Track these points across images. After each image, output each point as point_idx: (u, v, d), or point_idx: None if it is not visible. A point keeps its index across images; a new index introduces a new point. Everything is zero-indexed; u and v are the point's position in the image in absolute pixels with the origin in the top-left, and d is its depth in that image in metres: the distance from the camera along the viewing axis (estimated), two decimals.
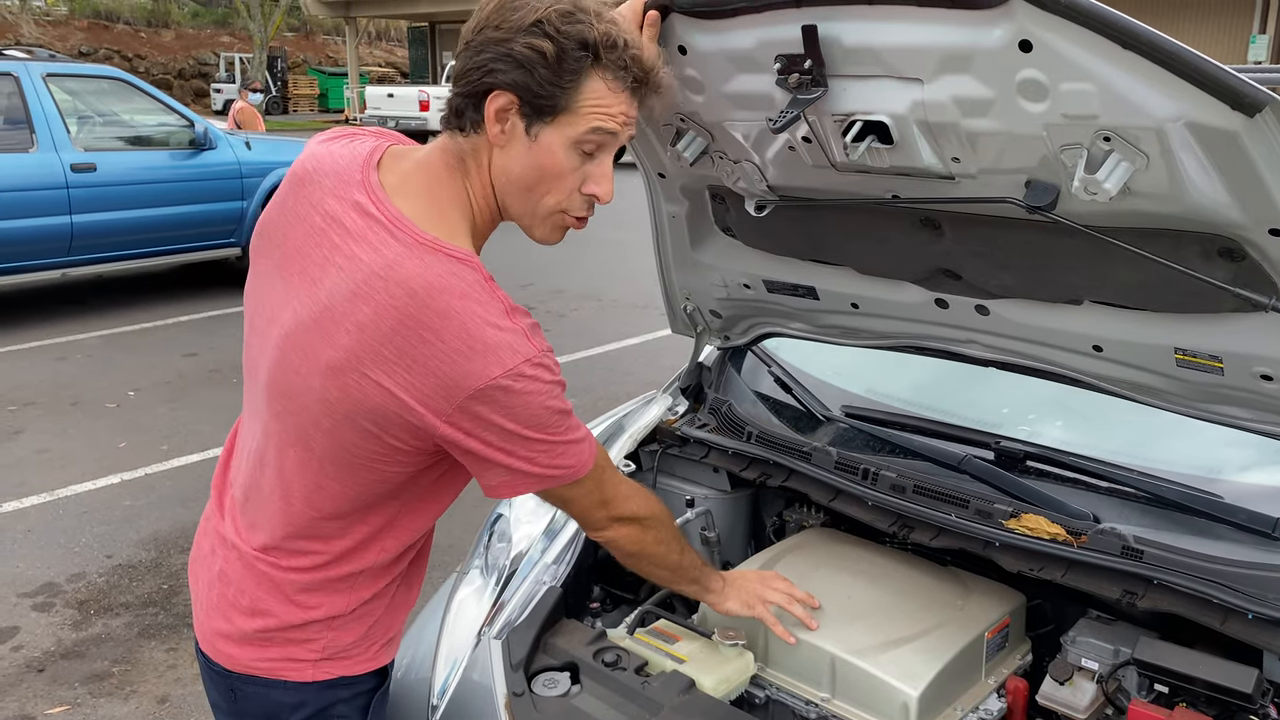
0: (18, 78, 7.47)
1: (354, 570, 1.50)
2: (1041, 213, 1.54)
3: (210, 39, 36.56)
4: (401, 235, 1.34)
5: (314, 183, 1.44)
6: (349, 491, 1.44)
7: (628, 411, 2.55)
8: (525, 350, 1.34)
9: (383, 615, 1.57)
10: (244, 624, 1.51)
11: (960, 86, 1.48)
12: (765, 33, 1.61)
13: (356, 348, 1.33)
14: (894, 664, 1.75)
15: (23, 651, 3.57)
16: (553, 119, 1.35)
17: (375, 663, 1.59)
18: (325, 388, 1.37)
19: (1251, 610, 1.60)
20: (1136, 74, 1.30)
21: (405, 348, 1.31)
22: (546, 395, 1.37)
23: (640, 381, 6.34)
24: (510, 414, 1.34)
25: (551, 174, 1.39)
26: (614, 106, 1.37)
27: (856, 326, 2.21)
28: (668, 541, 1.68)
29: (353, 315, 1.33)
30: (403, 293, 1.31)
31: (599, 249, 10.78)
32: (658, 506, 1.67)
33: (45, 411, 5.94)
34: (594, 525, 1.61)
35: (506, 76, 1.32)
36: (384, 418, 1.35)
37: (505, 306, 1.35)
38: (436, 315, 1.30)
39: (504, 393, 1.32)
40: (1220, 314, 1.62)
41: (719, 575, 1.82)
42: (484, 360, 1.31)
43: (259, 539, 1.51)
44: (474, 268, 1.35)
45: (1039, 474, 2.08)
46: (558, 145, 1.36)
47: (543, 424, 1.38)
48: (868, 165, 1.69)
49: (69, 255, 7.73)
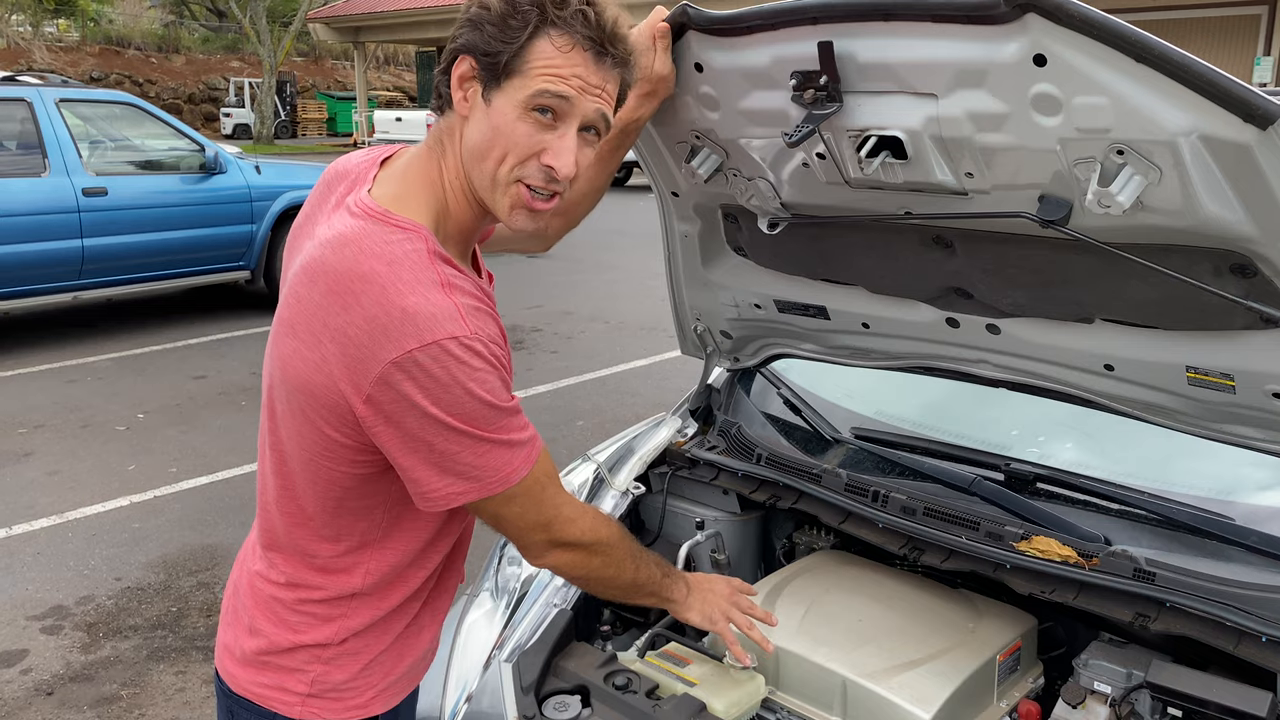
0: (30, 103, 7.53)
1: (338, 594, 1.44)
2: (1055, 227, 1.55)
3: (220, 64, 36.85)
4: (356, 211, 1.32)
5: (330, 187, 1.45)
6: (311, 496, 1.40)
7: (637, 434, 2.55)
8: (452, 327, 1.25)
9: (380, 657, 1.48)
10: (246, 643, 1.48)
11: (974, 101, 1.48)
12: (781, 49, 1.62)
13: (293, 318, 1.32)
14: (906, 687, 1.74)
15: (31, 674, 3.56)
16: (506, 81, 1.29)
17: (366, 710, 1.48)
18: (274, 370, 1.37)
19: (1265, 633, 1.59)
20: (1150, 87, 1.31)
21: (328, 317, 1.27)
22: (473, 381, 1.27)
23: (648, 403, 6.33)
24: (429, 395, 1.25)
25: (504, 138, 1.30)
26: (565, 68, 1.29)
27: (867, 347, 2.21)
28: (619, 563, 1.57)
29: (295, 287, 1.32)
30: (333, 257, 1.28)
31: (607, 271, 10.82)
32: (606, 529, 1.54)
33: (55, 434, 5.95)
34: (531, 550, 1.47)
35: (462, 39, 1.31)
36: (315, 398, 1.31)
37: (440, 279, 1.27)
38: (358, 279, 1.25)
39: (421, 370, 1.24)
40: (1232, 331, 1.62)
41: (682, 582, 1.72)
42: (400, 330, 1.23)
43: (257, 554, 1.51)
44: (418, 237, 1.29)
45: (1049, 496, 2.07)
46: (509, 108, 1.29)
47: (468, 414, 1.28)
48: (881, 181, 1.70)
49: (80, 279, 7.76)
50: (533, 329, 8.55)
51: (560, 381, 7.01)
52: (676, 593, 1.70)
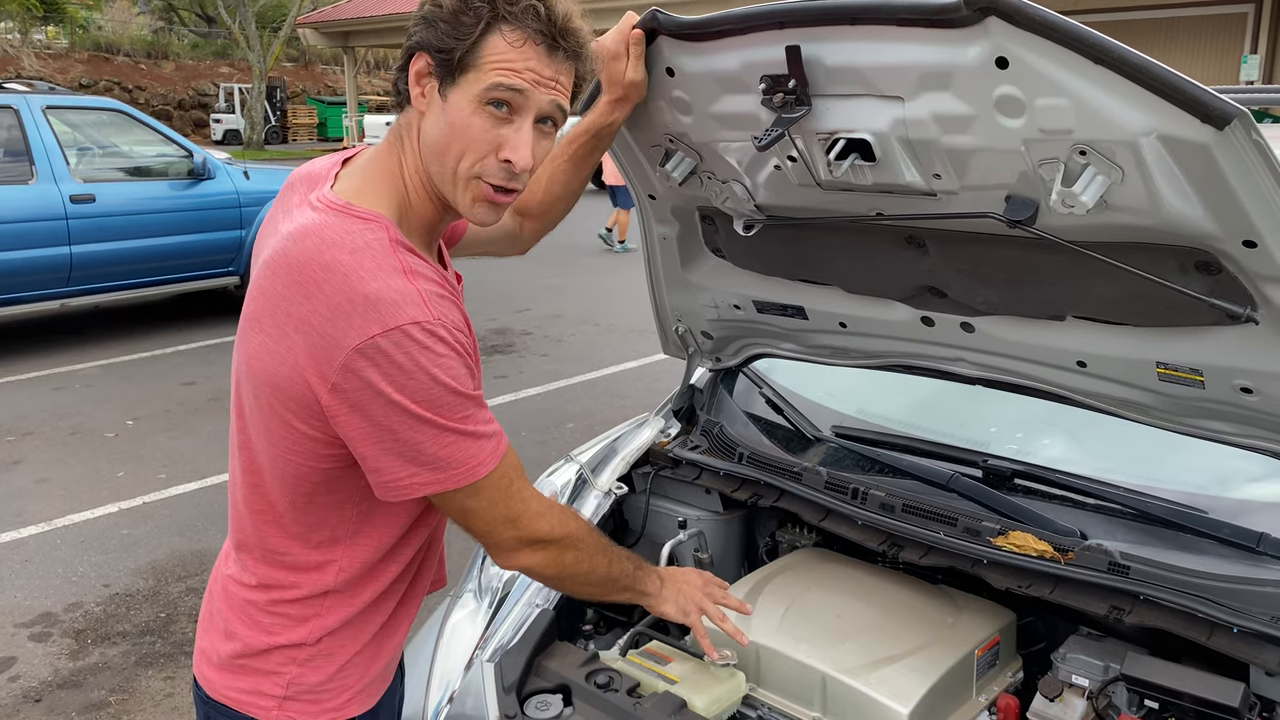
0: (17, 110, 7.53)
1: (311, 592, 1.44)
2: (1022, 227, 1.56)
3: (210, 70, 36.77)
4: (318, 206, 1.34)
5: (292, 189, 1.46)
6: (281, 493, 1.40)
7: (620, 434, 2.56)
8: (414, 313, 1.26)
9: (355, 657, 1.48)
10: (221, 647, 1.48)
11: (940, 104, 1.50)
12: (750, 54, 1.64)
13: (258, 312, 1.33)
14: (885, 682, 1.75)
15: (20, 682, 3.56)
16: (461, 77, 1.30)
17: (343, 712, 1.48)
18: (241, 367, 1.38)
19: (1237, 624, 1.61)
20: (1109, 89, 1.33)
21: (292, 307, 1.28)
22: (437, 367, 1.27)
23: (637, 405, 6.35)
24: (393, 381, 1.25)
25: (461, 135, 1.32)
26: (519, 62, 1.30)
27: (845, 346, 2.23)
28: (591, 557, 1.56)
29: (259, 282, 1.34)
30: (295, 249, 1.29)
31: (596, 274, 10.83)
32: (574, 524, 1.54)
33: (44, 441, 5.95)
34: (501, 548, 1.46)
35: (417, 36, 1.33)
36: (282, 391, 1.31)
37: (403, 266, 1.28)
38: (321, 268, 1.26)
39: (384, 356, 1.24)
40: (1199, 327, 1.64)
41: (655, 576, 1.72)
42: (363, 316, 1.24)
43: (231, 558, 1.51)
44: (379, 227, 1.31)
45: (1026, 491, 2.09)
46: (464, 103, 1.31)
47: (432, 401, 1.28)
48: (851, 183, 1.71)
49: (68, 286, 7.76)
50: (522, 332, 8.56)
51: (550, 384, 7.02)
52: (650, 586, 1.71)
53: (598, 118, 1.81)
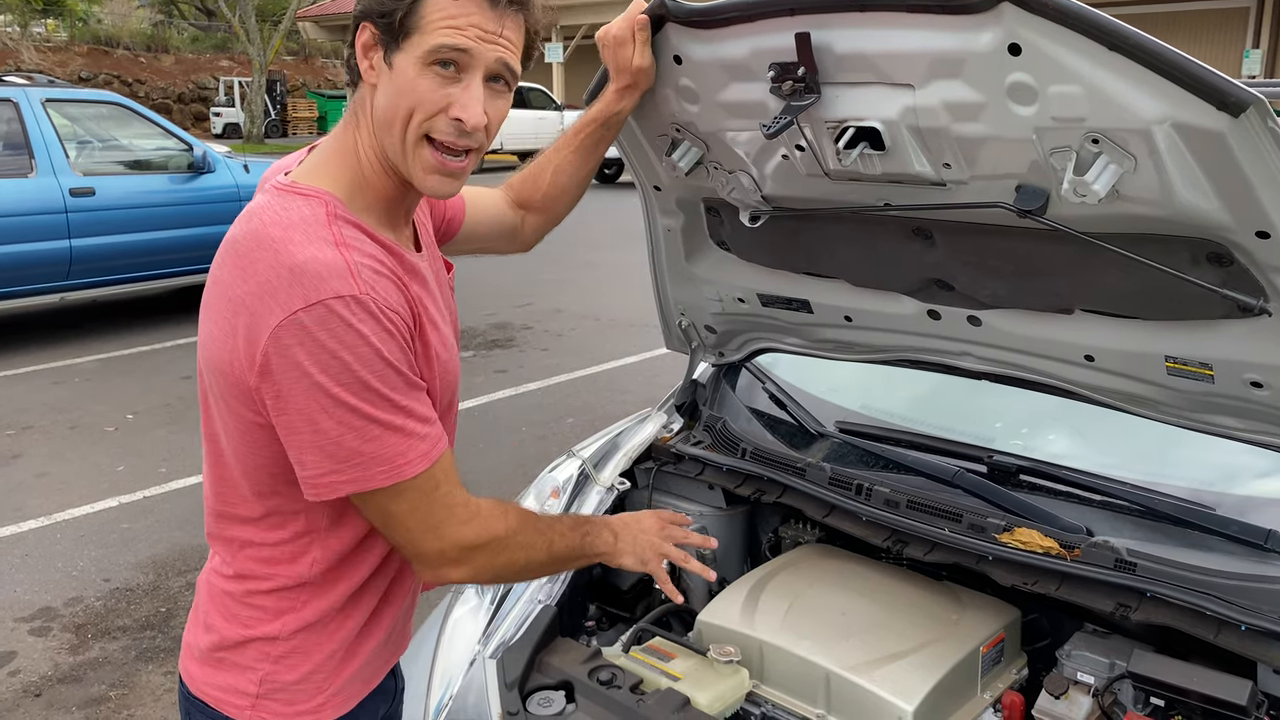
0: (17, 103, 7.50)
1: (285, 584, 1.39)
2: (1032, 216, 1.55)
3: (209, 63, 36.70)
4: (269, 189, 1.32)
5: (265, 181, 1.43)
6: (247, 484, 1.37)
7: (623, 429, 2.55)
8: (338, 285, 1.20)
9: (329, 657, 1.42)
10: (201, 639, 1.46)
11: (951, 91, 1.49)
12: (759, 41, 1.62)
13: (208, 299, 1.32)
14: (889, 679, 1.74)
15: (20, 676, 3.55)
16: (405, 41, 1.27)
17: (318, 715, 1.43)
18: (199, 357, 1.36)
19: (1245, 622, 1.59)
20: (1123, 75, 1.31)
21: (231, 291, 1.25)
22: (365, 345, 1.21)
23: (638, 399, 6.33)
24: (316, 360, 1.19)
25: (408, 97, 1.27)
26: (461, 18, 1.26)
27: (850, 340, 2.21)
28: (527, 550, 1.45)
29: (211, 270, 1.34)
30: (237, 231, 1.28)
31: (597, 269, 10.82)
32: (501, 524, 1.41)
33: (43, 435, 5.93)
34: (424, 560, 1.36)
35: (361, 5, 1.30)
36: (227, 379, 1.27)
37: (335, 239, 1.23)
38: (255, 245, 1.24)
39: (306, 333, 1.19)
40: (1210, 320, 1.63)
41: (607, 531, 1.61)
42: (288, 290, 1.19)
43: (211, 550, 1.50)
44: (318, 202, 1.27)
45: (1032, 488, 2.07)
46: (409, 67, 1.27)
47: (357, 385, 1.21)
48: (860, 172, 1.70)
49: (68, 279, 7.73)
50: (523, 326, 8.55)
51: (550, 379, 7.01)
52: (603, 544, 1.60)
53: (605, 106, 1.79)
